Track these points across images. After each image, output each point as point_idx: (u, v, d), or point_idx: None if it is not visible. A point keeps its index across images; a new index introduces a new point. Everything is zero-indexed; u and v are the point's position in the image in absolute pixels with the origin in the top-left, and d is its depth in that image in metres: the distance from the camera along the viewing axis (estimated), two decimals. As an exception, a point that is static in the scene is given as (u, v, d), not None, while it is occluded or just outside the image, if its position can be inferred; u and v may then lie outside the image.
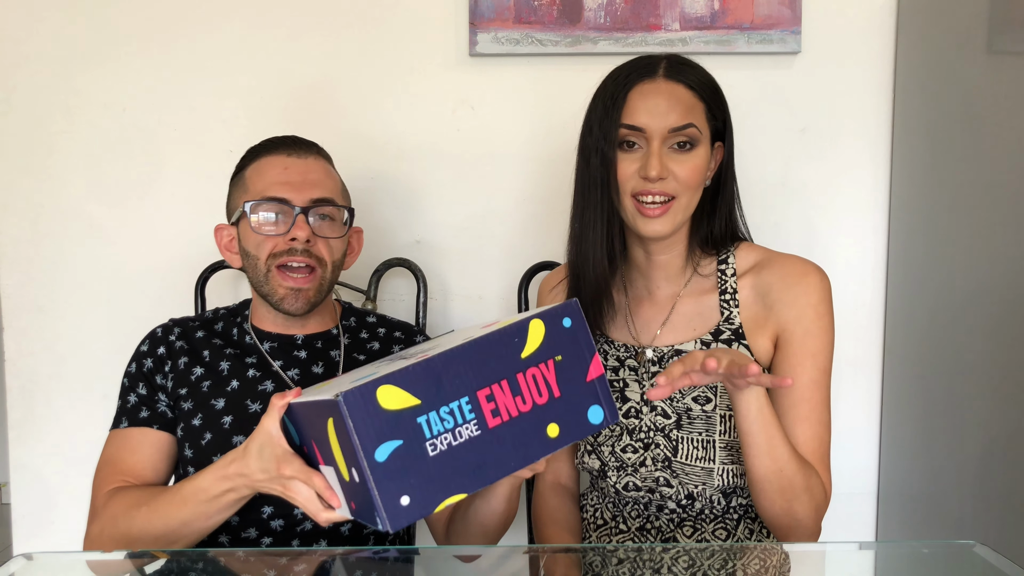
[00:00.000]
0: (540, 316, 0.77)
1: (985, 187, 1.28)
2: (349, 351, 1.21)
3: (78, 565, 0.99)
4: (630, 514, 1.16)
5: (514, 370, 0.75)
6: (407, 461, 0.69)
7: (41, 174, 1.58)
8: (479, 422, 0.72)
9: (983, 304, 1.28)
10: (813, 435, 1.08)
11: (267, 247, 1.12)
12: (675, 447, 1.11)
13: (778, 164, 1.59)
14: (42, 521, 1.63)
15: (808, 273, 1.10)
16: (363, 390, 0.68)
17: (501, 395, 0.74)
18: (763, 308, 1.11)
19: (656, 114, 1.05)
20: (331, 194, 1.15)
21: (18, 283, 1.60)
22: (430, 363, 0.71)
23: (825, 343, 1.09)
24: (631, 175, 1.07)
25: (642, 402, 1.13)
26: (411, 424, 0.70)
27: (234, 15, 1.56)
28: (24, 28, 1.56)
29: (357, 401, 0.68)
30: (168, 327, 1.21)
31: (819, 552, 1.04)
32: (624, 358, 1.16)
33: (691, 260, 1.15)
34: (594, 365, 0.79)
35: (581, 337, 0.79)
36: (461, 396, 0.72)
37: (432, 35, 1.56)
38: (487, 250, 1.62)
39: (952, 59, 1.38)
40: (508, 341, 0.75)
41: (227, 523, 1.09)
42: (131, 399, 1.15)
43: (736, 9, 1.52)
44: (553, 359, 0.77)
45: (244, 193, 1.15)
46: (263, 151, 1.17)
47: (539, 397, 0.75)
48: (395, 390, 0.70)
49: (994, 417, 1.25)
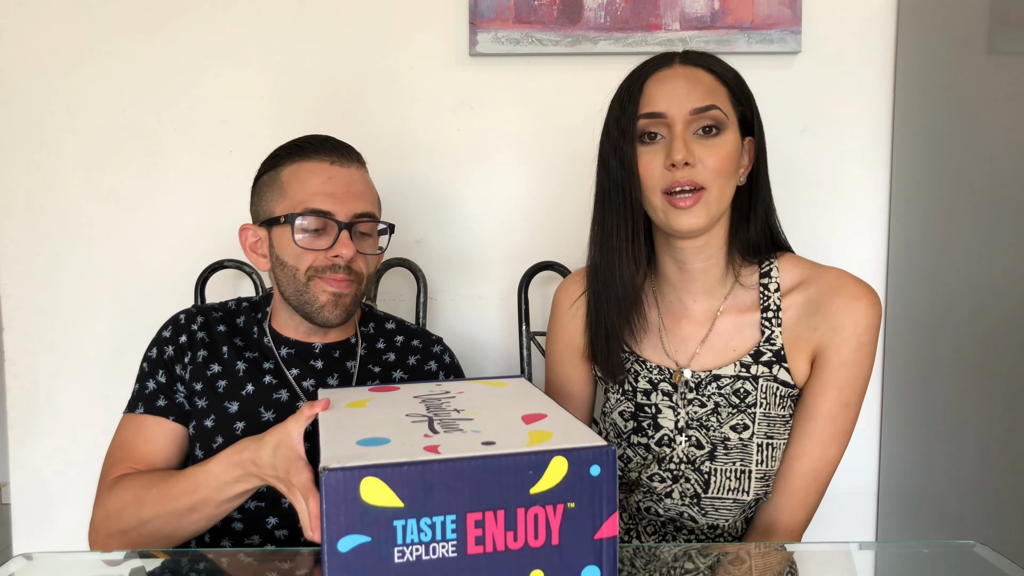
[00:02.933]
0: (566, 454, 0.68)
1: (985, 187, 1.28)
2: (364, 362, 1.20)
3: (78, 565, 0.98)
4: (645, 529, 1.12)
5: (516, 504, 0.67)
6: (369, 561, 0.64)
7: (41, 174, 1.58)
8: (458, 545, 0.66)
9: (983, 304, 1.28)
10: (809, 472, 1.04)
11: (307, 260, 1.09)
12: (707, 480, 1.05)
13: (778, 164, 1.59)
14: (42, 521, 1.63)
15: (859, 297, 1.01)
16: (347, 476, 0.63)
17: (492, 525, 0.66)
18: (807, 328, 1.03)
19: (675, 97, 0.97)
20: (372, 208, 1.13)
21: (18, 283, 1.60)
22: (427, 469, 0.65)
23: (858, 375, 1.02)
24: (656, 169, 0.99)
25: (675, 430, 1.06)
26: (386, 525, 0.64)
27: (234, 15, 1.56)
28: (24, 28, 1.56)
29: (338, 485, 0.63)
30: (192, 314, 1.18)
31: (819, 552, 1.04)
32: (657, 381, 1.08)
33: (731, 269, 1.07)
34: (608, 524, 0.69)
35: (606, 490, 0.69)
36: (448, 513, 0.65)
37: (432, 35, 1.56)
38: (487, 250, 1.62)
39: (952, 59, 1.38)
40: (520, 471, 0.67)
41: (232, 530, 1.09)
42: (149, 385, 1.14)
43: (736, 9, 1.52)
44: (565, 504, 0.68)
45: (282, 199, 1.11)
46: (303, 154, 1.12)
47: (534, 539, 0.67)
48: (381, 485, 0.64)
49: (994, 417, 1.25)
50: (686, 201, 0.97)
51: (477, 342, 1.62)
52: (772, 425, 1.04)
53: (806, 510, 1.05)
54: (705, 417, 1.06)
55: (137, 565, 0.97)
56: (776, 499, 1.06)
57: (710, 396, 1.05)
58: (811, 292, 1.04)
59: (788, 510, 1.05)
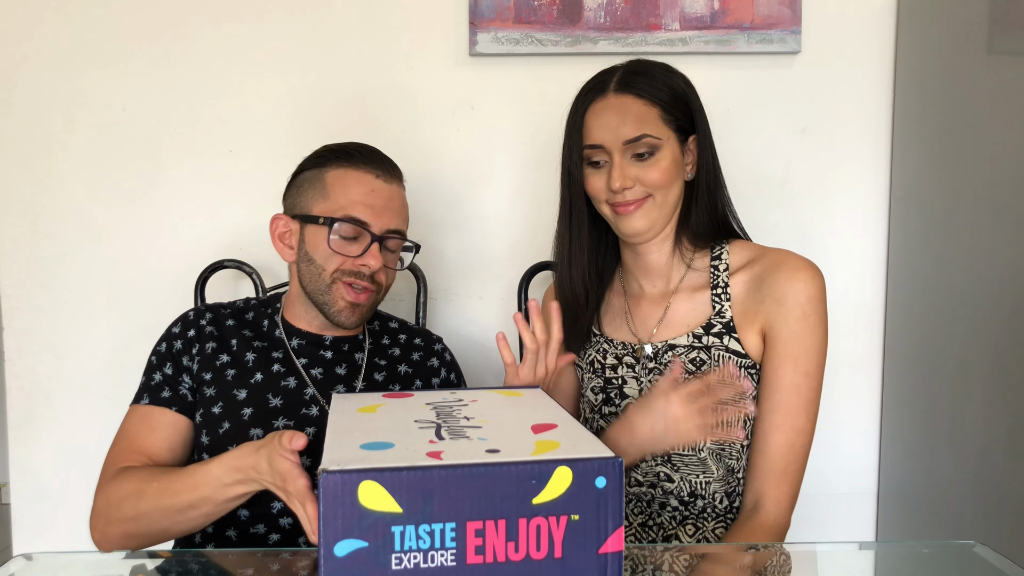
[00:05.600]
0: (571, 464, 0.66)
1: (985, 187, 1.28)
2: (371, 355, 1.23)
3: (78, 565, 0.98)
4: (632, 510, 1.17)
5: (518, 514, 0.65)
6: (366, 567, 0.63)
7: (41, 174, 1.58)
8: (458, 554, 0.64)
9: (983, 304, 1.28)
10: (784, 443, 1.07)
11: (335, 262, 1.13)
12: None
13: (778, 164, 1.59)
14: (42, 521, 1.63)
15: (799, 269, 1.09)
16: (346, 479, 0.62)
17: (493, 534, 0.65)
18: (753, 302, 1.11)
19: (608, 129, 1.09)
20: (404, 226, 1.19)
21: (18, 283, 1.60)
22: (427, 476, 0.64)
23: (810, 345, 1.08)
24: (602, 188, 1.11)
25: (640, 397, 1.13)
26: (384, 530, 0.63)
27: (234, 16, 1.56)
28: (24, 28, 1.56)
29: (336, 488, 0.62)
30: (200, 311, 1.21)
31: (819, 552, 1.04)
32: (622, 355, 1.18)
33: (681, 256, 1.17)
34: (614, 538, 0.67)
35: (612, 503, 0.67)
36: (448, 521, 0.64)
37: (432, 35, 1.56)
38: (487, 250, 1.62)
39: (952, 59, 1.38)
40: (523, 480, 0.65)
41: (237, 518, 1.09)
42: (156, 377, 1.16)
43: (736, 9, 1.52)
44: (568, 516, 0.66)
45: (323, 199, 1.14)
46: (351, 160, 1.16)
47: (536, 551, 0.65)
48: (379, 490, 0.63)
49: (994, 417, 1.25)
50: (630, 207, 1.10)
51: (477, 342, 1.62)
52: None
53: (789, 482, 1.08)
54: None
55: (137, 564, 0.98)
56: (758, 475, 1.09)
57: (667, 364, 1.14)
58: (756, 269, 1.12)
59: (772, 484, 1.08)
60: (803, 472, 1.09)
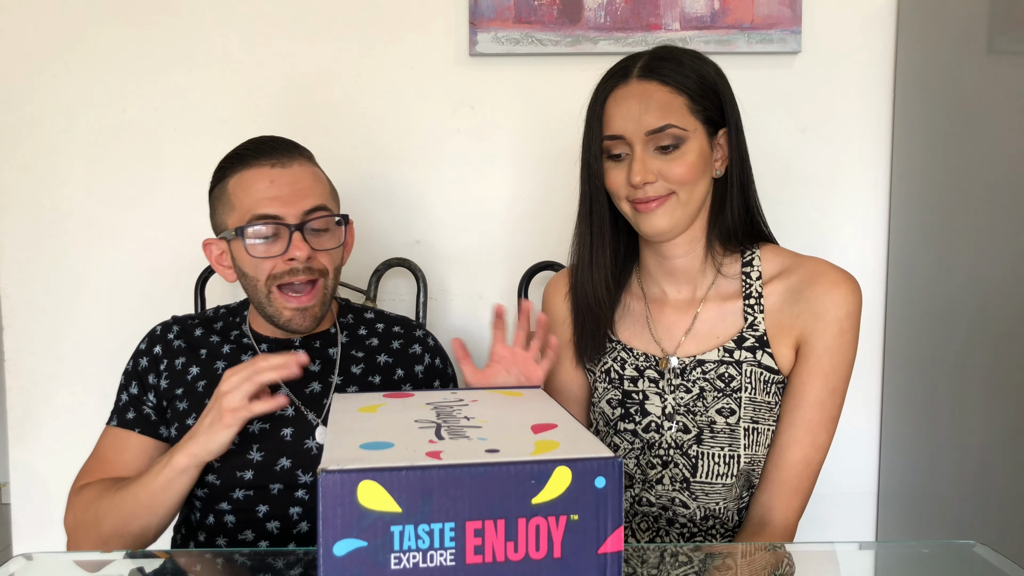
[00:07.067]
0: (570, 464, 0.67)
1: (985, 187, 1.28)
2: (347, 348, 1.20)
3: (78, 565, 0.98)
4: (639, 526, 1.12)
5: (517, 514, 0.65)
6: (365, 567, 0.63)
7: (41, 174, 1.58)
8: (457, 554, 0.64)
9: (983, 304, 1.28)
10: (801, 459, 1.04)
11: (265, 268, 1.09)
12: (695, 465, 1.06)
13: (778, 164, 1.59)
14: (42, 521, 1.63)
15: (838, 283, 1.03)
16: (345, 479, 0.63)
17: (492, 534, 0.65)
18: (789, 315, 1.05)
19: (630, 118, 1.01)
20: (323, 200, 1.11)
21: (18, 283, 1.60)
22: (426, 475, 0.64)
23: (842, 361, 1.04)
24: (622, 183, 1.04)
25: (663, 416, 1.08)
26: (383, 530, 0.63)
27: (234, 15, 1.56)
28: (24, 27, 1.56)
29: (335, 487, 0.62)
30: (168, 325, 1.20)
31: (819, 552, 1.04)
32: (644, 368, 1.10)
33: (712, 260, 1.09)
34: (613, 538, 0.67)
35: (611, 503, 0.67)
36: (447, 520, 0.64)
37: (432, 35, 1.56)
38: (487, 250, 1.62)
39: (952, 59, 1.38)
40: (522, 480, 0.65)
41: (224, 525, 1.09)
42: (123, 397, 1.16)
43: (736, 9, 1.52)
44: (568, 516, 0.66)
45: (231, 211, 1.10)
46: (243, 161, 1.11)
47: (535, 551, 0.66)
48: (378, 489, 0.63)
49: (994, 417, 1.25)
50: (651, 204, 1.02)
51: (477, 342, 1.62)
52: (758, 410, 1.05)
53: (800, 498, 1.05)
54: (691, 402, 1.07)
55: (137, 565, 0.97)
56: (770, 489, 1.05)
57: (695, 381, 1.07)
58: (792, 280, 1.06)
59: (782, 499, 1.05)
60: (813, 488, 1.07)
